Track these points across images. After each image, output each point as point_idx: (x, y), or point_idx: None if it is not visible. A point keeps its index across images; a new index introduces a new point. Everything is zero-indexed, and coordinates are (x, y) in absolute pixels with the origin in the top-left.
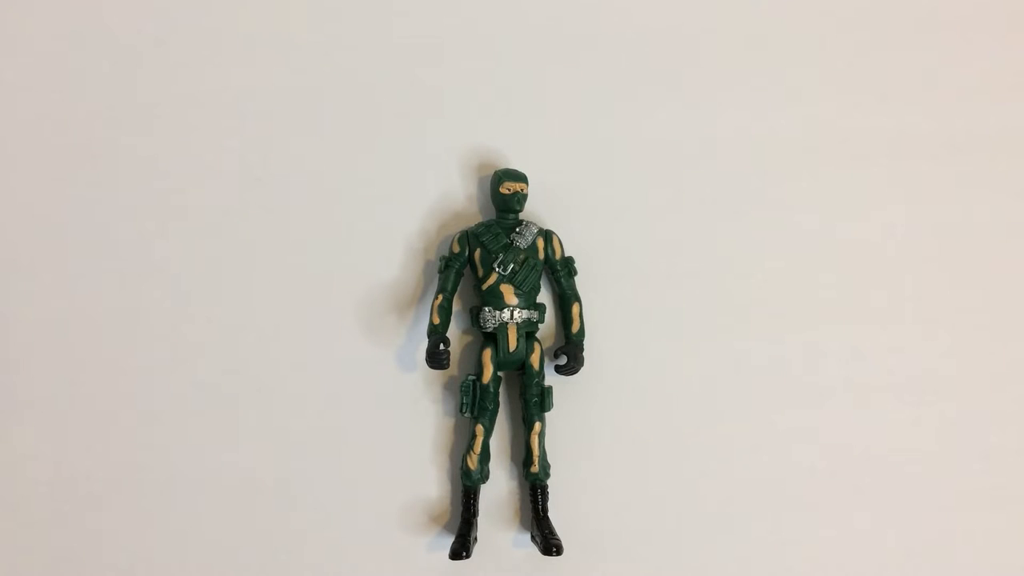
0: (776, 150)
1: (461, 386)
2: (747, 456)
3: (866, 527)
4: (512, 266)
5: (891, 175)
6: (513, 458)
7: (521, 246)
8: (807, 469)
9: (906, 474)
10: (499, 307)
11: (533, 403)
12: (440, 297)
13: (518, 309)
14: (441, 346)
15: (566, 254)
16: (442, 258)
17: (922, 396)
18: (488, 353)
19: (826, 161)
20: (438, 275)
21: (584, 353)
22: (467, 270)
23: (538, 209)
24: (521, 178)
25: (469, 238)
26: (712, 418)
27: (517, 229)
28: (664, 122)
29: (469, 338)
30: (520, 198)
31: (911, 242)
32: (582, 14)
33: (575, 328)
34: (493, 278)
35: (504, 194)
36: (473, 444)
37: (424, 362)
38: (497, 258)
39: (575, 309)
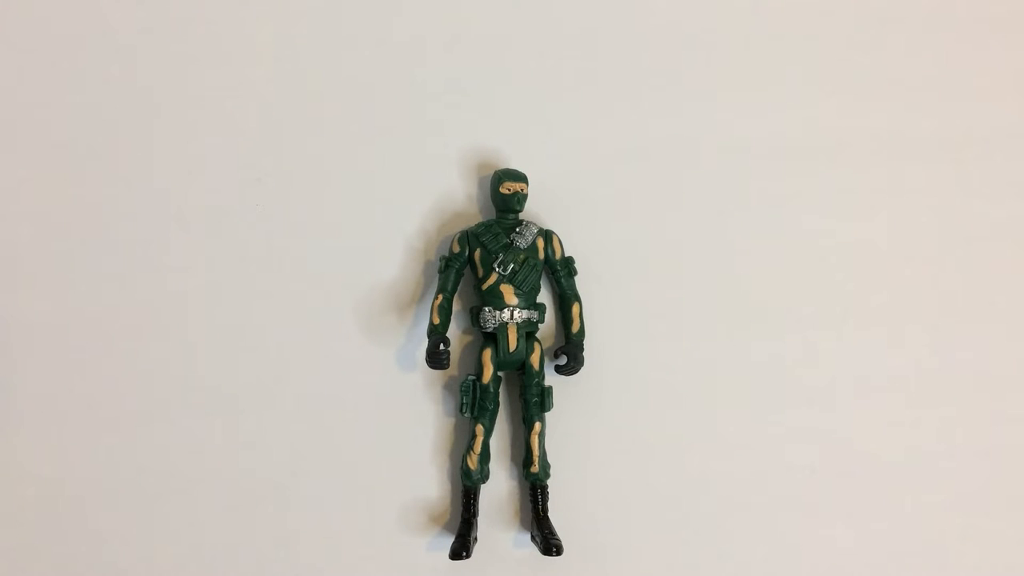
0: (776, 150)
1: (461, 386)
2: (747, 456)
3: (867, 527)
4: (512, 266)
5: (891, 175)
6: (513, 458)
7: (521, 246)
8: (807, 469)
9: (906, 474)
10: (499, 307)
11: (533, 403)
12: (440, 297)
13: (518, 309)
14: (441, 346)
15: (566, 254)
16: (442, 258)
17: (922, 396)
18: (488, 353)
19: (826, 161)
20: (438, 275)
21: (584, 353)
22: (467, 270)
23: (538, 209)
24: (521, 178)
25: (469, 238)
26: (712, 418)
27: (517, 229)
28: (664, 122)
29: (469, 338)
30: (520, 198)
31: (911, 242)
32: (582, 14)
33: (575, 328)
34: (493, 278)
35: (504, 194)
36: (473, 444)
37: (424, 362)
38: (497, 258)
39: (575, 309)
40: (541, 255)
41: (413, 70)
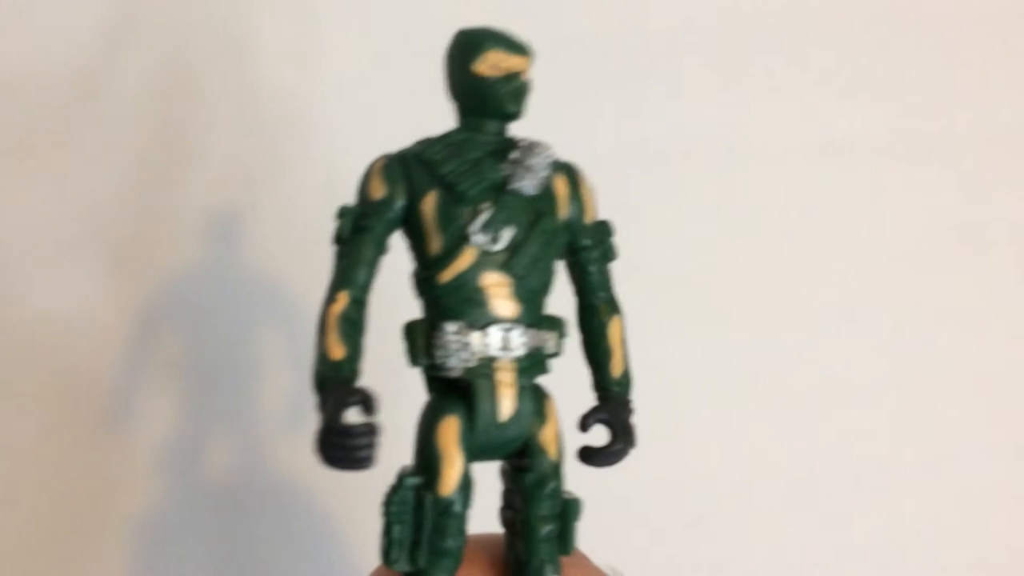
0: (775, 150)
1: (389, 504)
2: (746, 456)
3: (866, 527)
4: (513, 230)
5: (892, 175)
6: None
7: (525, 190)
8: (807, 469)
9: (906, 474)
10: (476, 322)
11: (543, 538)
12: (342, 299)
13: (518, 327)
14: (354, 414)
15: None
16: (344, 212)
17: (922, 396)
18: (452, 426)
19: (826, 161)
20: (335, 251)
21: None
22: (398, 239)
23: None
24: (520, 49)
25: (407, 167)
26: (711, 418)
27: (513, 154)
28: (663, 121)
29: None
30: (519, 88)
31: (912, 242)
32: (581, 13)
33: (616, 369)
34: (467, 257)
35: (486, 78)
36: None
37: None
38: (475, 213)
39: (614, 329)
40: (563, 212)
41: (413, 69)
